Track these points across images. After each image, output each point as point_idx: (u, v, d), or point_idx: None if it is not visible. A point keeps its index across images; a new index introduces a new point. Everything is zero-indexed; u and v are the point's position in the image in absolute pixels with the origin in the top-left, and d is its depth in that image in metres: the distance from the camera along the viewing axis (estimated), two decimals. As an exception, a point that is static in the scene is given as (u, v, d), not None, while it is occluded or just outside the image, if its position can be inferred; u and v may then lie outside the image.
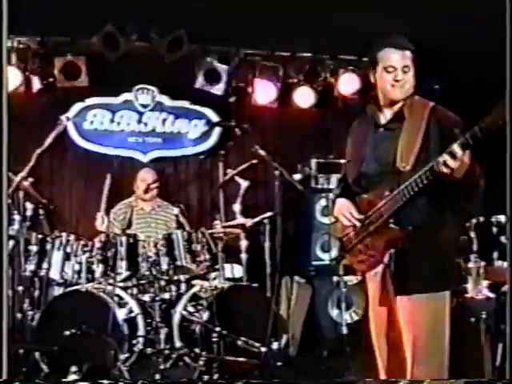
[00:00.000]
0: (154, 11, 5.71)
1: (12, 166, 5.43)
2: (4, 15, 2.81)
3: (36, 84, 6.34)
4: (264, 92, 6.67)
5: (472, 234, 5.14)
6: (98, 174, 6.62)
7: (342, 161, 6.08)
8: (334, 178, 6.30)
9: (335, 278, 6.14)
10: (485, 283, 4.74)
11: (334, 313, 6.20)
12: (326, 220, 6.20)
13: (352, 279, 5.95)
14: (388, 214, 3.19)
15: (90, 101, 6.61)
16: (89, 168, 6.59)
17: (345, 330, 6.01)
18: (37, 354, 4.84)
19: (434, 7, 5.33)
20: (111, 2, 5.53)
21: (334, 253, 6.00)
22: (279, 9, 5.61)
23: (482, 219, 5.16)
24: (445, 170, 2.94)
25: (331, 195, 5.96)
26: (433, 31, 5.54)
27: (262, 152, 5.20)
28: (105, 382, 4.22)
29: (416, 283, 3.14)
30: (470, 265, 4.96)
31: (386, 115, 3.34)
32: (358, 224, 3.31)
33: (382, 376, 3.36)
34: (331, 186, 6.27)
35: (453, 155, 2.91)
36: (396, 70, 3.23)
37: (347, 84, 6.66)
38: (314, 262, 6.31)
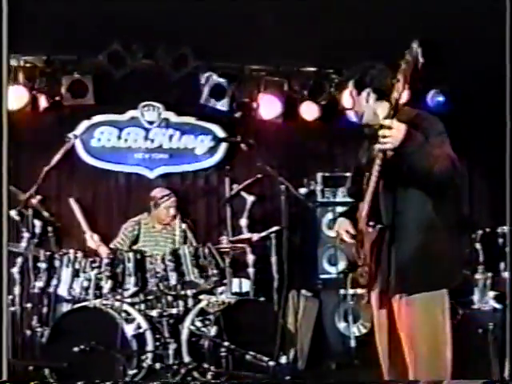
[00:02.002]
0: (159, 29, 5.78)
1: (20, 183, 5.57)
2: (4, 34, 2.83)
3: (43, 102, 6.39)
4: (269, 107, 6.70)
5: (478, 246, 5.16)
6: (105, 191, 6.71)
7: (348, 174, 6.19)
8: (340, 191, 6.34)
9: (342, 291, 6.16)
10: (491, 294, 4.75)
11: (342, 326, 6.20)
12: (332, 234, 6.21)
13: (362, 292, 5.96)
14: (364, 217, 3.26)
15: (96, 118, 6.66)
16: (96, 185, 6.63)
17: (353, 343, 6.01)
18: (46, 371, 4.86)
19: (439, 23, 5.37)
20: (117, 21, 5.59)
21: (341, 266, 6.06)
22: (283, 24, 5.66)
23: (488, 230, 5.19)
24: (383, 141, 3.00)
25: (337, 209, 6.03)
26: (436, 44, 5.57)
27: (268, 167, 5.24)
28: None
29: (410, 283, 3.16)
30: (477, 276, 4.98)
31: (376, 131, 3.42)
32: (352, 241, 3.39)
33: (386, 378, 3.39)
34: (337, 200, 6.31)
35: (385, 126, 2.99)
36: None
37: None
38: (321, 276, 6.32)
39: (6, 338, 2.78)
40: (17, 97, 6.24)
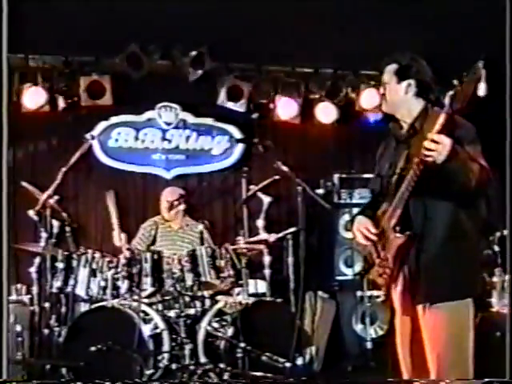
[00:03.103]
0: (176, 30, 5.79)
1: (38, 183, 5.61)
2: (4, 34, 2.83)
3: (61, 103, 6.42)
4: (286, 108, 6.69)
5: (496, 248, 5.13)
6: (122, 192, 6.72)
7: (365, 175, 6.19)
8: (357, 192, 6.33)
9: (359, 293, 6.15)
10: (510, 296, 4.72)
11: (359, 328, 6.19)
12: (349, 235, 6.21)
13: (378, 294, 5.95)
14: (393, 221, 3.23)
15: (114, 119, 6.69)
16: (114, 185, 6.65)
17: (369, 345, 6.00)
18: (63, 370, 4.89)
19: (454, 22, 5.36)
20: (134, 22, 5.61)
21: (358, 267, 6.04)
22: (300, 25, 5.66)
23: (505, 233, 5.15)
24: (428, 154, 2.96)
25: (354, 210, 6.01)
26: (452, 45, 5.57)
27: (285, 168, 5.24)
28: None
29: (436, 292, 3.15)
30: (495, 279, 4.95)
31: (403, 130, 3.39)
32: (373, 238, 3.35)
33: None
34: (354, 201, 6.30)
35: (432, 139, 2.94)
36: (383, 85, 3.38)
37: (368, 99, 6.66)
38: (338, 277, 6.32)
39: (6, 337, 2.77)
40: (35, 97, 6.27)
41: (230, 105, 6.64)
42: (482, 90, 2.85)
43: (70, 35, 5.78)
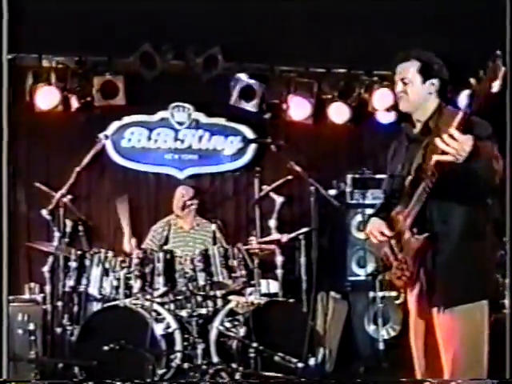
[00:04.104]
0: (189, 30, 5.80)
1: (51, 183, 5.64)
2: (4, 34, 2.83)
3: (74, 103, 6.44)
4: (299, 108, 6.68)
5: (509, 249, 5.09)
6: (135, 191, 6.75)
7: (378, 176, 6.17)
8: (370, 193, 6.31)
9: (371, 294, 6.13)
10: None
11: (371, 328, 6.17)
12: (361, 235, 6.20)
13: (391, 294, 5.94)
14: (409, 222, 3.21)
15: (127, 119, 6.70)
16: (126, 185, 6.67)
17: (381, 346, 5.99)
18: (76, 369, 4.91)
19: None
20: (148, 22, 5.63)
21: (370, 268, 6.03)
22: (313, 25, 5.66)
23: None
24: (447, 151, 2.88)
25: (367, 211, 5.99)
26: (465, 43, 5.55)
27: (298, 168, 5.23)
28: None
29: (452, 295, 3.14)
30: (508, 280, 4.91)
31: (416, 129, 3.37)
32: (384, 239, 3.33)
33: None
34: (367, 202, 6.28)
35: (452, 137, 2.86)
36: (398, 83, 3.31)
37: (381, 99, 6.64)
38: (350, 278, 6.30)
39: (7, 337, 2.78)
40: (48, 97, 6.30)
41: (243, 105, 6.63)
42: (496, 87, 2.78)
43: (84, 35, 5.80)
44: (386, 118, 6.71)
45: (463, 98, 6.12)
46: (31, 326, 4.81)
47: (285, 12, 5.41)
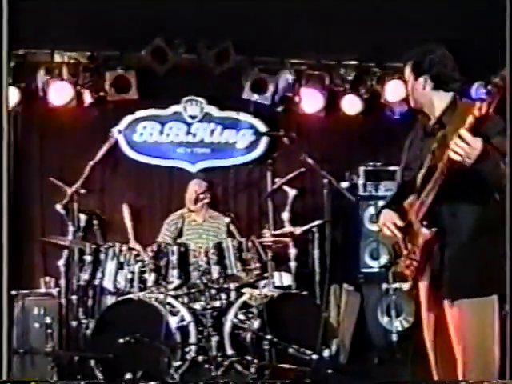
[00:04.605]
0: (201, 24, 5.81)
1: (65, 177, 5.67)
2: (4, 33, 2.83)
3: (87, 98, 6.46)
4: (311, 101, 6.67)
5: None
6: (148, 185, 6.78)
7: (391, 168, 6.17)
8: (382, 185, 6.31)
9: (385, 286, 6.14)
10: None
11: (384, 320, 6.18)
12: (374, 227, 6.20)
13: (404, 286, 5.92)
14: (420, 215, 3.23)
15: (139, 113, 6.72)
16: (139, 179, 6.70)
17: (395, 338, 6.00)
18: (92, 362, 4.94)
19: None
20: (159, 17, 5.64)
21: (383, 260, 6.03)
22: (324, 17, 5.66)
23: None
24: (456, 152, 2.93)
25: (379, 203, 5.99)
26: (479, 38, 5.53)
27: (310, 160, 5.24)
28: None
29: (462, 287, 3.15)
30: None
31: (431, 123, 3.39)
32: (398, 234, 3.36)
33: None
34: (380, 194, 6.28)
35: (462, 139, 2.90)
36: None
37: (394, 91, 6.63)
38: (363, 270, 6.31)
39: (7, 337, 2.80)
40: (61, 92, 6.33)
41: (255, 98, 6.64)
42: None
43: (95, 30, 5.83)
44: (398, 109, 6.69)
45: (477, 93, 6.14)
46: (47, 320, 4.84)
47: (296, 5, 5.41)
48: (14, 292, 5.22)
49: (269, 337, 4.96)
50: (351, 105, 6.73)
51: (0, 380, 2.83)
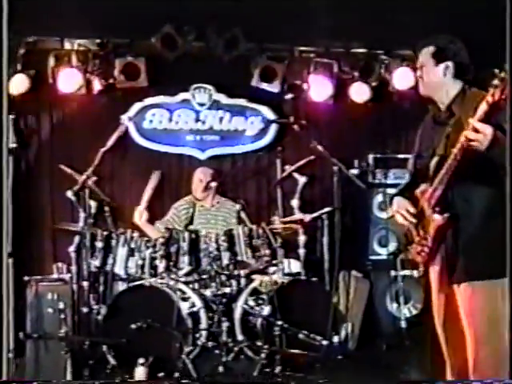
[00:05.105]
0: (211, 11, 5.81)
1: (75, 165, 5.70)
2: (4, 16, 2.84)
3: (96, 85, 6.48)
4: (319, 88, 6.68)
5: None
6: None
7: (400, 156, 6.19)
8: (392, 172, 6.33)
9: (393, 273, 6.17)
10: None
11: (393, 307, 6.22)
12: (383, 215, 6.24)
13: (415, 272, 5.95)
14: (433, 202, 3.27)
15: (148, 100, 6.72)
16: (149, 166, 6.72)
17: (403, 324, 6.04)
18: (104, 347, 4.99)
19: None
20: (169, 4, 5.64)
21: (392, 247, 6.06)
22: (333, 5, 5.66)
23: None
24: (469, 140, 2.99)
25: (388, 190, 6.02)
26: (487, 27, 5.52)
27: (320, 148, 5.25)
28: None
29: (473, 270, 3.19)
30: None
31: (441, 111, 3.42)
32: (413, 220, 3.39)
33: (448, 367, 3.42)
34: (389, 181, 6.30)
35: (474, 127, 2.97)
36: (419, 67, 3.41)
37: (402, 79, 6.63)
38: (372, 257, 6.34)
39: (7, 337, 2.82)
40: (71, 80, 6.34)
41: (264, 85, 6.64)
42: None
43: (105, 17, 5.84)
44: (407, 97, 6.69)
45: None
46: (61, 305, 4.88)
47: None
48: (26, 278, 5.28)
49: (279, 323, 5.01)
50: (360, 92, 6.72)
51: (0, 380, 2.85)
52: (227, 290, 5.33)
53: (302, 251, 5.78)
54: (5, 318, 2.80)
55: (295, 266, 5.83)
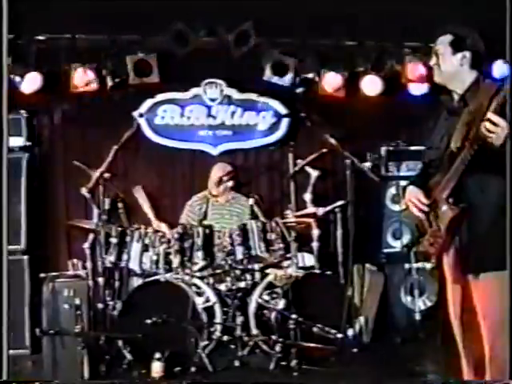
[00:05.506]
0: (221, 6, 5.82)
1: (88, 161, 5.74)
2: (4, 15, 2.84)
3: (109, 82, 6.50)
4: (331, 82, 6.66)
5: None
6: (170, 168, 6.82)
7: (412, 148, 6.18)
8: (404, 165, 6.32)
9: (407, 265, 6.17)
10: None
11: (407, 300, 6.21)
12: (396, 207, 6.22)
13: (427, 265, 5.95)
14: (446, 193, 3.27)
15: (160, 96, 6.73)
16: (162, 162, 6.74)
17: (418, 317, 6.03)
18: (120, 343, 5.03)
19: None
20: (179, 0, 5.66)
21: (406, 240, 6.05)
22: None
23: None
24: (488, 133, 3.01)
25: (401, 183, 6.01)
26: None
27: (333, 141, 5.25)
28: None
29: (487, 261, 3.20)
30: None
31: (454, 102, 3.42)
32: (425, 209, 3.39)
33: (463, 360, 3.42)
34: (401, 174, 6.29)
35: (491, 121, 2.98)
36: (433, 56, 3.42)
37: (414, 71, 6.61)
38: (386, 250, 6.33)
39: (7, 337, 2.84)
40: (83, 77, 6.36)
41: (276, 80, 6.64)
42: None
43: (116, 14, 5.86)
44: (419, 89, 6.67)
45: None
46: (77, 301, 4.91)
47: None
48: (42, 274, 5.32)
49: (294, 316, 5.02)
50: (372, 85, 6.69)
51: (0, 380, 2.86)
52: (242, 284, 5.36)
53: (315, 245, 5.77)
54: (4, 318, 2.81)
55: (309, 259, 5.83)
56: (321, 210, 5.78)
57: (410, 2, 5.68)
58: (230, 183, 6.21)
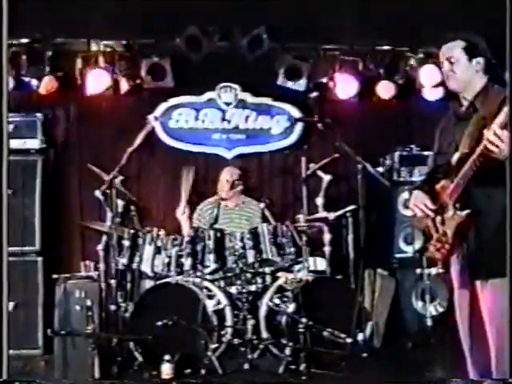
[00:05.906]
0: (235, 11, 5.86)
1: (103, 164, 5.79)
2: (4, 17, 2.87)
3: (124, 86, 6.56)
4: (345, 86, 6.67)
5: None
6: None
7: (425, 153, 6.17)
8: (417, 170, 6.30)
9: (419, 270, 6.15)
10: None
11: (419, 305, 6.20)
12: (408, 212, 6.19)
13: (435, 270, 5.94)
14: (453, 198, 3.28)
15: (174, 100, 6.78)
16: (176, 165, 6.78)
17: (429, 322, 6.01)
18: (131, 344, 5.06)
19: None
20: (193, 4, 5.70)
21: (418, 245, 6.03)
22: (357, 3, 5.66)
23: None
24: (492, 148, 3.00)
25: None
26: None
27: (345, 146, 5.26)
28: None
29: (494, 267, 3.19)
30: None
31: (463, 107, 3.42)
32: (431, 214, 3.40)
33: (469, 364, 3.41)
34: (414, 179, 6.27)
35: (496, 134, 2.98)
36: (444, 62, 3.40)
37: (428, 76, 6.61)
38: (397, 255, 6.32)
39: (7, 337, 2.85)
40: (98, 80, 6.43)
41: (290, 84, 6.66)
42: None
43: (131, 19, 5.92)
44: (432, 94, 6.67)
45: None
46: (88, 302, 4.96)
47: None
48: (55, 276, 5.38)
49: (304, 320, 5.03)
50: (385, 90, 6.70)
51: (0, 380, 2.90)
52: (252, 287, 5.38)
53: (327, 249, 5.78)
54: (5, 319, 2.83)
55: (320, 263, 5.84)
56: (332, 215, 5.79)
57: (423, 6, 5.68)
58: (240, 187, 6.22)
